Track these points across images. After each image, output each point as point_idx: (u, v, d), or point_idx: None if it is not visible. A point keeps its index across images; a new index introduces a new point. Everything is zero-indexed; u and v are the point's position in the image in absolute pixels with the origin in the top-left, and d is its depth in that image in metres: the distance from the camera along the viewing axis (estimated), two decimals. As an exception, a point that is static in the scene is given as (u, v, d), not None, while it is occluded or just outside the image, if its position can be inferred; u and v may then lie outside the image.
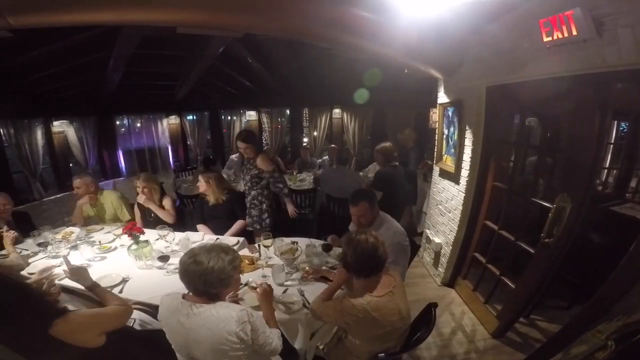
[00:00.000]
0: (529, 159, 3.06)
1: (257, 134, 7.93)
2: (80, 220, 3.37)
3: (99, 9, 1.62)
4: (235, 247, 2.71)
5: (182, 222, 3.39)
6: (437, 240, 3.44)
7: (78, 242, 2.84)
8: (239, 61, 5.67)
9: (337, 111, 7.49)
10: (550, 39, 1.79)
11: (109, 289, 1.89)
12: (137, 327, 1.83)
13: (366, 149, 7.73)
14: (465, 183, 2.95)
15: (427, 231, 3.73)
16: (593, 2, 1.55)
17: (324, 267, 2.33)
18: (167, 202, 3.28)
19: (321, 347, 1.97)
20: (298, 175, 5.52)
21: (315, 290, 2.03)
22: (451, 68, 2.96)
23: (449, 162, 3.23)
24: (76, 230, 3.07)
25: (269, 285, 1.83)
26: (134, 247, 2.52)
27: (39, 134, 5.52)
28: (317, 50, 4.64)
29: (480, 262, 2.92)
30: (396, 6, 2.03)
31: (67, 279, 1.81)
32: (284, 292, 2.07)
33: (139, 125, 7.71)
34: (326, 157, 6.88)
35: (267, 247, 2.46)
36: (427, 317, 1.80)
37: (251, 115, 8.07)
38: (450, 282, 3.37)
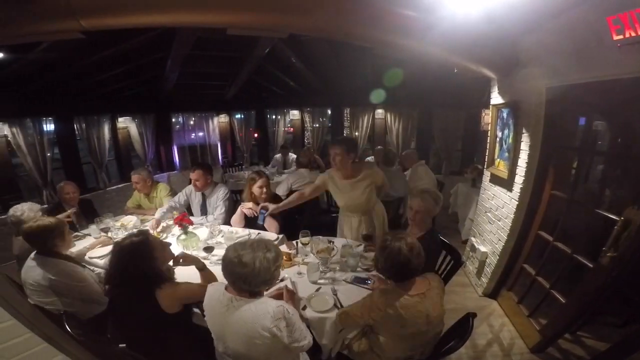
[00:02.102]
0: (595, 166, 2.77)
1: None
2: (136, 210, 3.71)
3: (159, 11, 1.74)
4: (275, 243, 2.78)
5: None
6: (482, 249, 3.27)
7: (134, 230, 3.09)
8: (284, 61, 5.81)
9: (379, 111, 7.34)
10: (621, 37, 1.64)
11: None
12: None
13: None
14: (519, 190, 2.75)
15: (473, 239, 3.56)
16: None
17: (358, 268, 2.31)
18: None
19: (346, 342, 1.94)
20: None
21: (347, 291, 2.03)
22: (506, 68, 2.78)
23: (501, 167, 3.03)
24: (134, 219, 3.36)
25: (288, 290, 1.87)
26: (183, 237, 2.69)
27: (106, 129, 6.12)
28: (360, 50, 4.59)
29: (528, 273, 2.75)
30: (443, 3, 1.94)
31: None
32: (317, 290, 2.08)
33: (192, 122, 8.24)
34: (370, 158, 6.78)
35: (304, 244, 2.49)
36: (463, 327, 1.71)
37: (294, 114, 8.24)
38: (492, 293, 3.22)
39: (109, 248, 2.47)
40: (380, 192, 2.86)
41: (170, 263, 1.95)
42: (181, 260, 1.99)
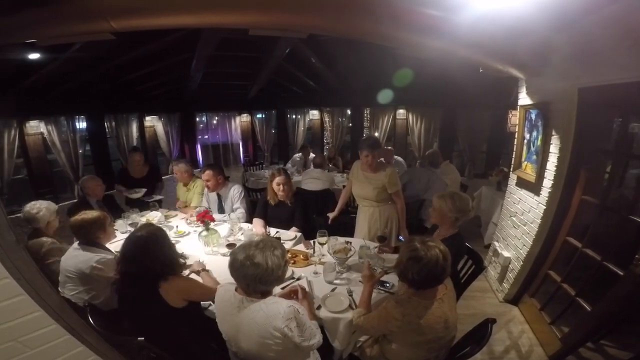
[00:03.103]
0: (631, 170, 2.62)
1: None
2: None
3: (186, 12, 1.78)
4: (292, 242, 2.80)
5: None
6: (506, 254, 3.17)
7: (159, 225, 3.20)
8: (304, 62, 5.84)
9: (401, 111, 7.22)
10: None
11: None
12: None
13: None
14: (547, 194, 2.64)
15: (496, 244, 3.45)
16: None
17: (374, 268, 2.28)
18: None
19: (358, 345, 1.92)
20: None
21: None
22: (535, 68, 2.67)
23: (529, 171, 2.92)
24: (158, 214, 3.47)
25: (302, 288, 1.86)
26: (204, 233, 2.75)
27: (134, 127, 6.38)
28: (381, 50, 4.54)
29: (554, 280, 2.65)
30: (467, 2, 1.88)
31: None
32: (332, 290, 2.07)
33: (215, 122, 8.44)
34: (397, 158, 6.70)
35: (322, 244, 2.49)
36: (480, 333, 1.65)
37: (314, 114, 8.27)
38: (514, 299, 3.13)
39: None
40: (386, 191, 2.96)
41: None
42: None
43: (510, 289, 3.11)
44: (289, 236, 2.89)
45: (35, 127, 4.82)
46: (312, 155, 6.90)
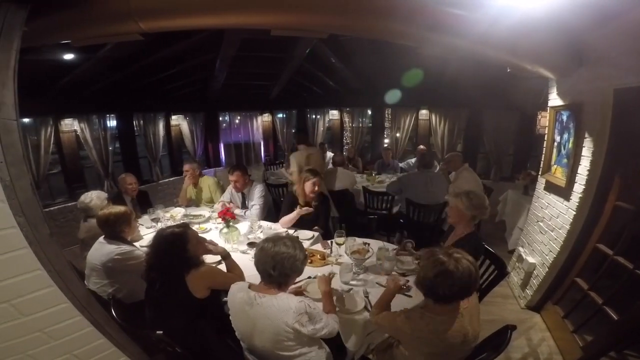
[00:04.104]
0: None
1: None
2: (184, 201, 4.00)
3: (212, 13, 1.83)
4: (310, 241, 2.81)
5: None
6: (531, 260, 3.07)
7: (182, 221, 3.29)
8: (324, 61, 5.85)
9: (424, 112, 7.07)
10: None
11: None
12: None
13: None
14: (577, 200, 2.52)
15: (521, 249, 3.34)
16: None
17: (393, 272, 2.26)
18: None
19: (371, 347, 1.89)
20: (377, 176, 5.40)
21: (379, 294, 1.96)
22: (567, 68, 2.55)
23: (558, 175, 2.80)
24: (182, 210, 3.60)
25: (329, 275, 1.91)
26: (225, 230, 2.81)
27: (161, 126, 6.60)
28: (403, 49, 4.46)
29: (580, 288, 2.56)
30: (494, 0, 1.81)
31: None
32: (348, 291, 2.06)
33: (237, 121, 8.60)
34: (412, 160, 6.59)
35: (339, 244, 2.48)
36: (498, 340, 1.59)
37: (334, 114, 8.24)
38: (536, 306, 3.04)
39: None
40: None
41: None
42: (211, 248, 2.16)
43: (533, 296, 3.02)
44: (306, 235, 2.90)
45: (70, 124, 5.08)
46: (329, 153, 6.91)
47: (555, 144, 2.90)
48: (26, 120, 4.63)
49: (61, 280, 1.55)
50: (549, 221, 2.91)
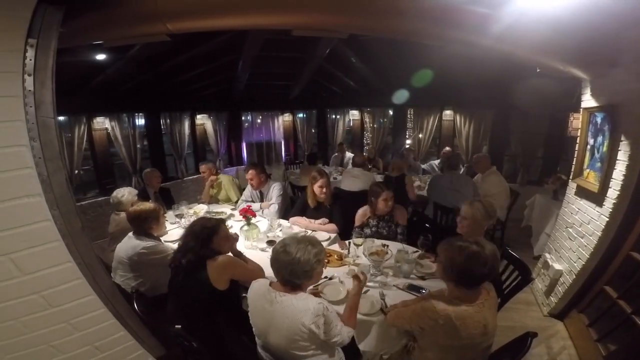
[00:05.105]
0: None
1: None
2: (207, 198, 4.12)
3: (238, 14, 1.87)
4: (327, 242, 2.80)
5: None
6: (557, 266, 2.96)
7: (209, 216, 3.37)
8: (344, 61, 5.84)
9: (448, 112, 6.89)
10: None
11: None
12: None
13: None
14: (611, 206, 2.39)
15: (547, 255, 3.22)
16: None
17: (412, 275, 2.23)
18: None
19: (386, 357, 1.87)
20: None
21: (396, 297, 1.97)
22: (601, 67, 2.42)
23: (591, 179, 2.66)
24: (205, 207, 3.71)
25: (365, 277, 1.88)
26: (245, 228, 2.86)
27: (186, 125, 6.80)
28: (425, 48, 4.38)
29: (608, 296, 2.45)
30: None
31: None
32: (365, 292, 2.04)
33: (259, 121, 8.74)
34: (435, 161, 6.45)
35: (357, 245, 2.46)
36: (518, 346, 1.55)
37: (354, 114, 8.20)
38: (560, 314, 2.92)
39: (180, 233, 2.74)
40: None
41: None
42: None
43: (557, 303, 2.91)
44: (323, 236, 2.90)
45: (101, 122, 5.33)
46: (349, 154, 6.87)
47: (588, 147, 2.76)
48: (61, 118, 4.90)
49: (89, 273, 1.61)
50: (579, 227, 2.78)
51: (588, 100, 2.77)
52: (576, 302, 2.80)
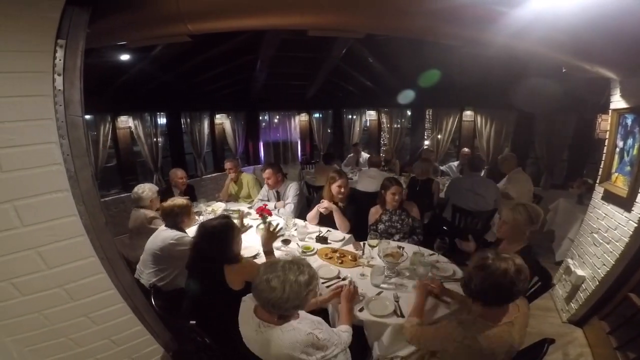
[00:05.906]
0: None
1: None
2: (225, 196, 4.19)
3: (252, 14, 1.89)
4: (341, 242, 2.80)
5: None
6: (580, 272, 2.86)
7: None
8: (361, 61, 5.80)
9: (468, 113, 6.72)
10: None
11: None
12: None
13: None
14: (640, 211, 2.27)
15: (570, 261, 3.10)
16: None
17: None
18: None
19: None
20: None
21: (410, 300, 1.93)
22: (632, 67, 2.31)
23: (619, 184, 2.55)
24: (222, 205, 3.78)
25: (355, 288, 1.88)
26: (261, 226, 2.90)
27: (206, 124, 6.95)
28: (445, 48, 4.30)
29: (633, 303, 2.37)
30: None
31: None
32: (378, 294, 2.03)
33: (276, 120, 8.82)
34: (454, 163, 6.32)
35: (372, 246, 2.45)
36: (534, 353, 1.50)
37: (371, 114, 8.13)
38: (580, 321, 2.85)
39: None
40: None
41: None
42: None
43: (578, 310, 2.83)
44: (338, 237, 2.89)
45: (125, 121, 5.52)
46: (364, 154, 6.82)
47: (617, 150, 2.66)
48: (87, 117, 5.07)
49: (111, 268, 1.64)
50: (605, 233, 2.67)
51: (617, 101, 2.66)
52: (597, 308, 2.72)
